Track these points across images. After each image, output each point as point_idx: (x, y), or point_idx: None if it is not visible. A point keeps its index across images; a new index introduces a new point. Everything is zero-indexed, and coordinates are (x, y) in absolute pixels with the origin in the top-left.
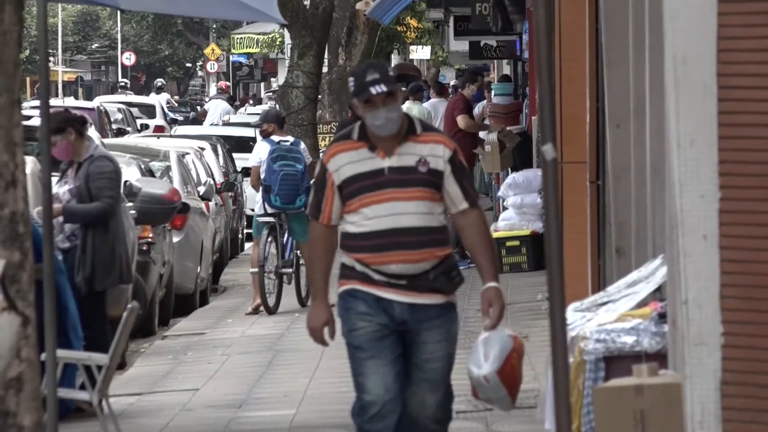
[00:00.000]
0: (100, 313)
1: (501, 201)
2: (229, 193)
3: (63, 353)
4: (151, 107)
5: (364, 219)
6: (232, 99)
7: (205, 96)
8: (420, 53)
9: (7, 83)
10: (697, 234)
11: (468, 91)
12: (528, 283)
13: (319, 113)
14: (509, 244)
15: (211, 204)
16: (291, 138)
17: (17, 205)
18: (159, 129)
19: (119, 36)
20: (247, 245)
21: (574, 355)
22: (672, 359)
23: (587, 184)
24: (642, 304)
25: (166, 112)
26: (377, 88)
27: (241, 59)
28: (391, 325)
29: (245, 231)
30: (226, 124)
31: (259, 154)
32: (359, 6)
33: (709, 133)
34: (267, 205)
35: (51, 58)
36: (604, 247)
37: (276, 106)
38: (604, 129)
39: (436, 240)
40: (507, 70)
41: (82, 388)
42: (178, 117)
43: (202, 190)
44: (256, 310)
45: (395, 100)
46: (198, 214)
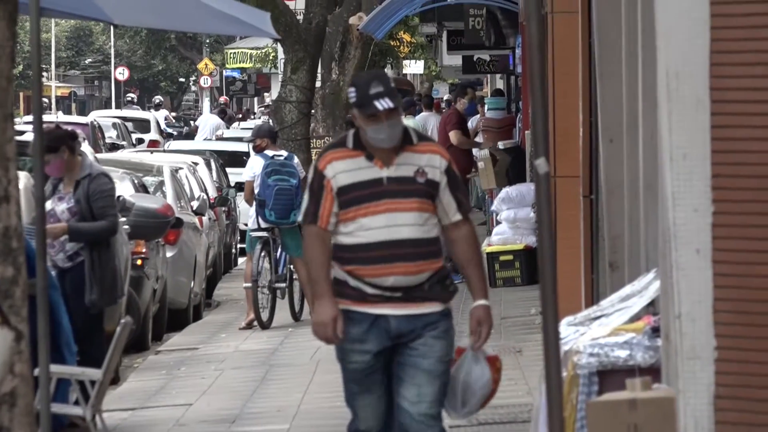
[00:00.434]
0: (99, 328)
1: (494, 215)
2: (223, 208)
3: (56, 368)
4: (146, 122)
5: (361, 229)
6: (223, 113)
7: (199, 111)
8: (413, 68)
9: (0, 98)
10: (690, 248)
11: (460, 105)
12: (521, 298)
13: (312, 127)
14: (503, 258)
15: (205, 219)
16: (285, 152)
17: (10, 220)
18: (153, 143)
19: (112, 51)
20: (240, 260)
21: (568, 369)
22: (665, 373)
23: (580, 198)
24: (635, 318)
25: (162, 128)
26: (383, 103)
27: (235, 74)
28: (384, 345)
29: (239, 246)
30: (220, 139)
31: (253, 168)
32: (352, 21)
33: (702, 147)
34: (261, 220)
35: (44, 74)
36: (597, 261)
37: (269, 120)
38: (597, 143)
39: (432, 252)
40: (500, 84)
41: (76, 403)
42: (174, 132)
43: (195, 204)
44: (250, 325)
45: (398, 114)
46: (191, 229)
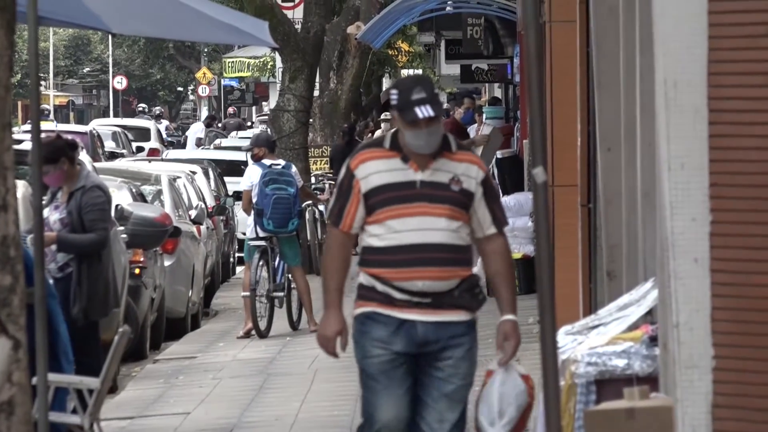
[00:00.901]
0: (94, 339)
1: None
2: (221, 217)
3: (54, 377)
4: (146, 130)
5: (391, 232)
6: (212, 119)
7: (197, 120)
8: None
9: None
10: (688, 257)
11: (457, 114)
12: (519, 307)
13: (310, 137)
14: None
15: (203, 228)
16: (282, 161)
17: (8, 229)
18: (153, 152)
19: (110, 60)
20: (238, 269)
21: (565, 378)
22: (663, 382)
23: (578, 207)
24: (633, 327)
25: (164, 137)
26: (424, 112)
27: (233, 83)
28: (408, 351)
29: (237, 255)
30: (218, 148)
31: (251, 177)
32: (350, 30)
33: (699, 157)
34: (259, 229)
35: (42, 82)
36: (595, 270)
37: (267, 129)
38: (595, 152)
39: (462, 259)
40: (498, 93)
41: (74, 412)
42: (174, 141)
43: (193, 213)
44: (248, 334)
45: (438, 122)
46: (189, 238)
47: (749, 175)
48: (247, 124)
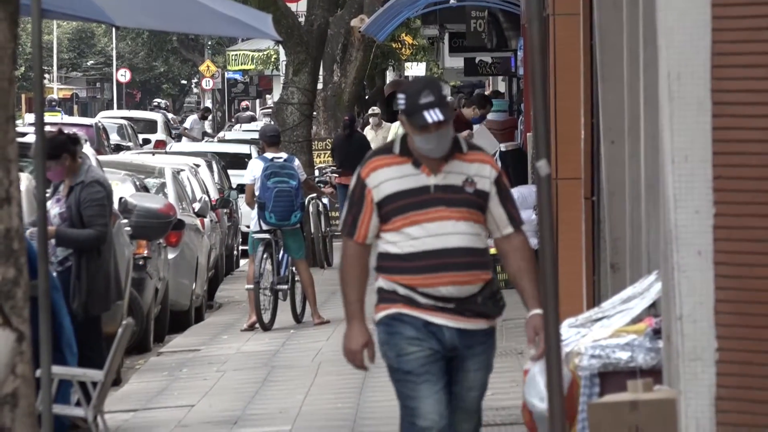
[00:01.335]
0: (96, 333)
1: None
2: (225, 210)
3: (58, 369)
4: (153, 122)
5: (409, 239)
6: (207, 110)
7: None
8: (415, 70)
9: (2, 99)
10: (691, 249)
11: (470, 112)
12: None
13: (314, 130)
14: None
15: (207, 220)
16: (284, 155)
17: (12, 222)
18: (160, 143)
19: (114, 53)
20: (242, 262)
21: (569, 370)
22: (667, 375)
23: (582, 200)
24: (637, 320)
25: (171, 129)
26: (433, 116)
27: (237, 76)
28: (441, 350)
29: (240, 247)
30: (221, 141)
31: (253, 171)
32: (354, 23)
33: (703, 149)
34: (262, 222)
35: (46, 75)
36: (598, 262)
37: (271, 122)
38: (599, 145)
39: (482, 263)
40: (502, 86)
41: (78, 404)
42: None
43: (197, 206)
44: (252, 327)
45: (448, 125)
46: (193, 231)
47: (753, 167)
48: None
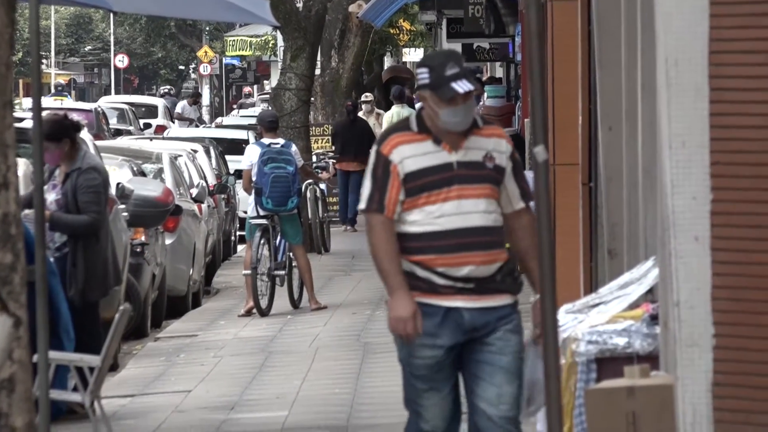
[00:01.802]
0: (93, 318)
1: None
2: (222, 195)
3: (55, 355)
4: (154, 107)
5: (431, 217)
6: (198, 95)
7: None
8: (413, 56)
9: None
10: (688, 235)
11: None
12: None
13: (311, 115)
14: None
15: (204, 206)
16: (281, 140)
17: (9, 207)
18: (161, 128)
19: (112, 38)
20: (239, 247)
21: (566, 356)
22: (664, 360)
23: (579, 185)
24: (634, 306)
25: (172, 114)
26: (461, 86)
27: (234, 62)
28: (456, 341)
29: (238, 233)
30: (219, 126)
31: (250, 157)
32: (352, 8)
33: (700, 135)
34: (259, 208)
35: (44, 61)
36: (596, 248)
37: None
38: (597, 131)
39: (500, 242)
40: (500, 72)
41: (75, 389)
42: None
43: (194, 192)
44: (249, 312)
45: (472, 96)
46: (190, 216)
47: (750, 153)
48: (248, 102)
